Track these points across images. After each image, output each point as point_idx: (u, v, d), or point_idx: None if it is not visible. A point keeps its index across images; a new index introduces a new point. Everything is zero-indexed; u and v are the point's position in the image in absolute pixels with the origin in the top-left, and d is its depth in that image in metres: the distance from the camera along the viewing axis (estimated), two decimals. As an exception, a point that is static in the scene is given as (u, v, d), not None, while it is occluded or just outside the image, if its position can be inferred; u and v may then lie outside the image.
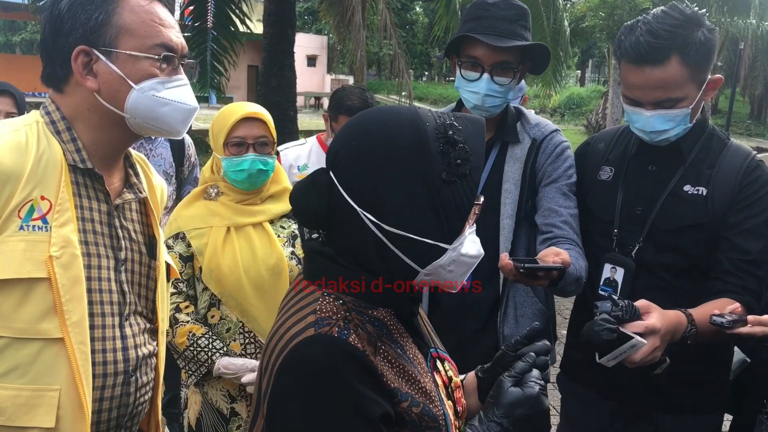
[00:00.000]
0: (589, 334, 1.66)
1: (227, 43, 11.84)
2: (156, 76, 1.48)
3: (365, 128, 1.18)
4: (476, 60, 2.15)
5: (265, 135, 2.37)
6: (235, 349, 2.35)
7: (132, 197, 1.61)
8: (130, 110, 1.48)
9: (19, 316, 1.36)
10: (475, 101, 2.18)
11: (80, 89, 1.47)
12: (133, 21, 1.46)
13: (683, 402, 2.09)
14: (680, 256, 2.01)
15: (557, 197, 2.19)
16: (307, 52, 31.73)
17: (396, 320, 1.23)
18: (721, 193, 1.97)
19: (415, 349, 1.25)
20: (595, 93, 29.91)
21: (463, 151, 1.15)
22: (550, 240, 2.13)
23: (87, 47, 1.44)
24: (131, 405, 1.55)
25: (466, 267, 1.22)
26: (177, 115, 1.53)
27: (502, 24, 2.12)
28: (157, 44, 1.48)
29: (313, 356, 1.08)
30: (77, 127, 1.49)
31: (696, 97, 1.93)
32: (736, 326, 1.70)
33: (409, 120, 1.16)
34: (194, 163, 3.84)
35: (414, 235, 1.14)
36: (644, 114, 1.95)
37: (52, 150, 1.43)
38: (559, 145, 2.26)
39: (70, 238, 1.41)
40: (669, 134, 1.96)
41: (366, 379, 1.08)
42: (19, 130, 1.42)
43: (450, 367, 1.36)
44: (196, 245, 2.35)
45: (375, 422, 1.06)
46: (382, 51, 21.57)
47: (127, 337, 1.54)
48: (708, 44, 1.89)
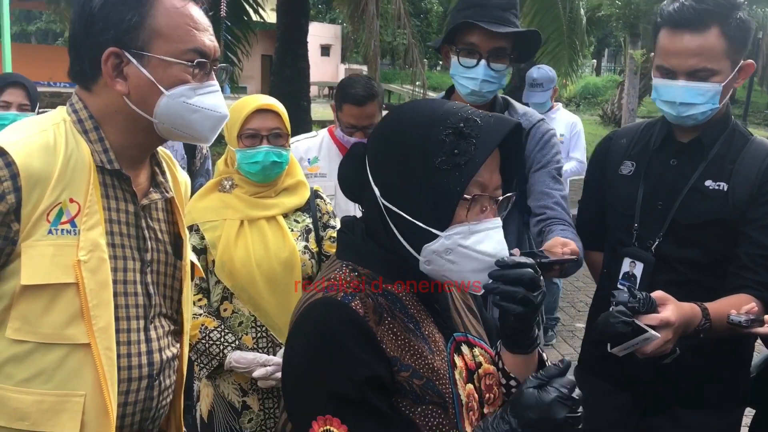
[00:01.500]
0: (604, 325, 1.68)
1: (240, 33, 11.83)
2: (188, 82, 1.43)
3: (395, 111, 1.29)
4: (473, 47, 2.23)
5: (279, 127, 2.36)
6: (247, 343, 2.35)
7: (159, 197, 1.57)
8: (159, 116, 1.43)
9: (45, 322, 1.33)
10: (472, 87, 2.25)
11: (108, 90, 1.42)
12: (167, 24, 1.41)
13: (702, 397, 2.07)
14: (700, 251, 2.00)
15: (548, 180, 2.29)
16: (321, 42, 31.63)
17: (415, 298, 1.27)
18: (742, 188, 1.96)
19: (433, 328, 1.27)
20: (610, 83, 29.60)
21: (467, 144, 1.16)
22: (544, 221, 2.22)
23: (118, 49, 1.39)
24: (154, 408, 1.54)
25: (477, 264, 1.20)
26: (207, 122, 1.49)
27: (497, 12, 2.21)
28: (190, 49, 1.43)
29: (315, 317, 1.18)
30: (105, 127, 1.45)
31: (729, 76, 1.93)
32: (753, 326, 1.70)
33: (430, 109, 1.23)
34: (206, 156, 3.83)
35: (407, 214, 1.19)
36: (676, 84, 1.93)
37: (80, 151, 1.40)
38: (546, 133, 2.35)
39: (99, 241, 1.39)
40: (697, 110, 1.93)
41: (361, 341, 1.15)
42: (47, 130, 1.38)
43: (481, 353, 1.36)
44: (210, 238, 2.35)
45: (360, 383, 1.12)
46: (396, 40, 21.48)
47: (152, 340, 1.52)
48: (746, 25, 1.92)
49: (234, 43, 11.85)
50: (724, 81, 1.92)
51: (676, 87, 1.93)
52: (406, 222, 1.19)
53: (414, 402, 1.17)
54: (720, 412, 2.10)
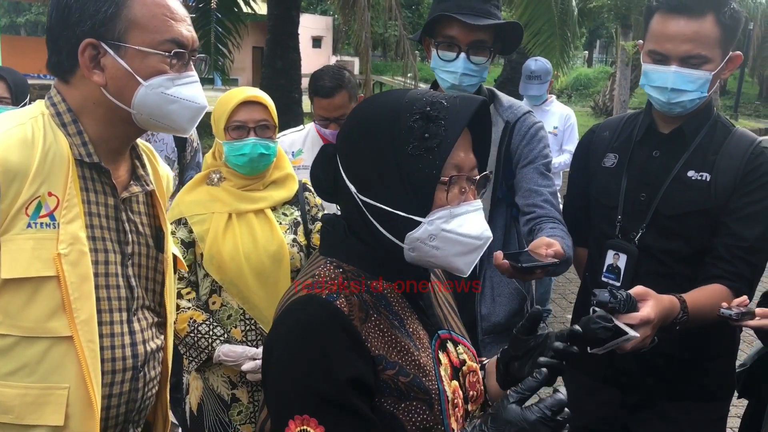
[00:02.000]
0: (584, 330, 1.66)
1: (231, 25, 11.76)
2: (165, 72, 1.43)
3: (359, 107, 1.28)
4: (452, 39, 2.19)
5: (265, 119, 2.35)
6: (236, 336, 2.34)
7: (139, 190, 1.57)
8: (137, 106, 1.43)
9: (27, 315, 1.34)
10: (452, 80, 2.21)
11: (86, 82, 1.42)
12: (143, 15, 1.40)
13: (688, 390, 2.08)
14: (684, 241, 2.01)
15: (536, 177, 2.25)
16: (312, 34, 31.49)
17: (399, 295, 1.27)
18: (725, 178, 1.96)
19: (418, 325, 1.27)
20: (602, 74, 29.65)
21: (436, 126, 1.16)
22: (534, 220, 2.18)
23: (95, 41, 1.39)
24: (139, 400, 1.54)
25: (461, 247, 1.21)
26: (185, 113, 1.49)
27: (477, 3, 2.15)
28: (167, 39, 1.43)
29: (298, 315, 1.16)
30: (83, 119, 1.44)
31: (719, 65, 1.93)
32: (743, 319, 1.69)
33: (393, 99, 1.22)
34: (196, 149, 3.82)
35: (386, 206, 1.18)
36: (669, 70, 1.93)
37: (58, 144, 1.39)
38: (532, 126, 2.30)
39: (78, 234, 1.39)
40: (686, 97, 1.94)
41: (345, 341, 1.14)
42: (24, 124, 1.38)
43: (465, 351, 1.37)
44: (198, 231, 2.34)
45: (341, 384, 1.11)
46: (388, 32, 21.41)
47: (136, 332, 1.52)
48: (738, 15, 1.93)
49: (224, 35, 11.77)
50: (714, 70, 1.92)
51: (668, 72, 1.93)
52: (387, 213, 1.18)
53: (398, 399, 1.17)
54: (706, 405, 2.11)
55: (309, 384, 1.12)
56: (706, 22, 1.89)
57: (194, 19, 11.77)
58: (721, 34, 1.90)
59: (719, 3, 1.89)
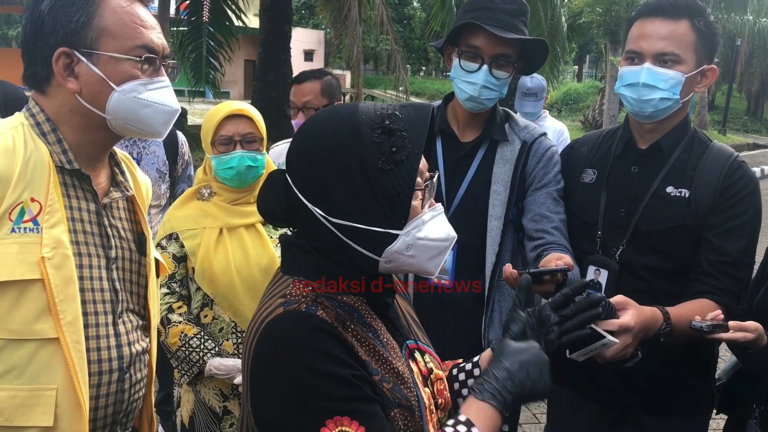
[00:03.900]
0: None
1: (222, 38, 11.80)
2: (137, 77, 1.48)
3: (307, 129, 1.26)
4: (477, 50, 2.14)
5: (251, 131, 2.37)
6: (228, 349, 2.35)
7: (119, 195, 1.62)
8: (111, 112, 1.48)
9: (14, 318, 1.37)
10: (471, 92, 2.17)
11: (62, 91, 1.47)
12: (114, 23, 1.46)
13: (667, 404, 2.09)
14: (664, 257, 2.02)
15: (548, 202, 2.19)
16: (304, 47, 31.64)
17: (368, 308, 1.28)
18: (704, 194, 1.98)
19: (389, 336, 1.29)
20: (592, 88, 29.87)
21: (400, 139, 1.18)
22: (542, 246, 2.12)
23: (68, 49, 1.44)
24: (126, 401, 1.57)
25: (433, 251, 1.24)
26: (158, 116, 1.54)
27: (505, 17, 2.11)
28: (138, 45, 1.48)
29: (282, 330, 1.14)
30: (61, 128, 1.49)
31: (692, 70, 1.97)
32: (716, 331, 1.69)
33: (345, 116, 1.22)
34: (188, 161, 3.83)
35: (362, 224, 1.18)
36: (641, 68, 1.97)
37: (39, 152, 1.44)
38: (548, 149, 2.27)
39: (61, 238, 1.42)
40: (657, 95, 1.96)
41: (336, 346, 1.14)
42: (5, 133, 1.43)
43: (431, 360, 1.39)
44: (189, 246, 2.36)
45: (348, 379, 1.12)
46: (379, 46, 21.53)
47: (121, 334, 1.55)
48: (713, 28, 1.99)
49: (216, 49, 11.81)
50: (687, 72, 1.95)
51: (641, 69, 1.97)
52: (362, 231, 1.19)
53: (386, 405, 1.19)
54: (686, 419, 2.11)
55: (323, 389, 1.10)
56: (681, 25, 1.96)
57: (186, 32, 11.85)
58: (696, 39, 1.96)
59: (695, 11, 1.96)
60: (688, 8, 1.95)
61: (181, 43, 11.75)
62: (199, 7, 11.32)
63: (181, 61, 11.62)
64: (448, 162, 2.29)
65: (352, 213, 1.19)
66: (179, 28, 11.94)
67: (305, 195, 1.22)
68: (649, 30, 1.97)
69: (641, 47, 1.98)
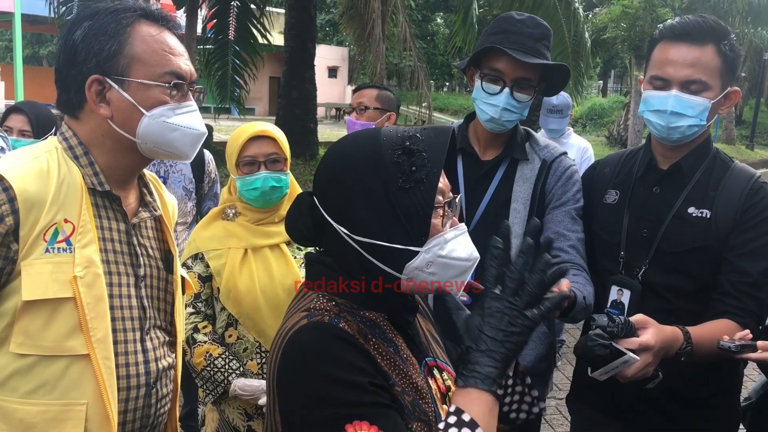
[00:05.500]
0: (582, 349, 1.69)
1: (248, 56, 11.93)
2: (166, 102, 1.54)
3: (332, 152, 1.31)
4: (499, 73, 2.17)
5: (275, 152, 2.40)
6: (252, 369, 2.37)
7: (148, 215, 1.67)
8: (141, 136, 1.53)
9: (47, 335, 1.42)
10: (492, 113, 2.19)
11: (94, 116, 1.53)
12: (144, 50, 1.52)
13: (691, 425, 2.07)
14: (686, 278, 2.01)
15: (566, 221, 2.21)
16: (328, 64, 31.90)
17: (390, 324, 1.30)
18: (725, 215, 1.97)
19: (409, 353, 1.31)
20: (617, 104, 29.67)
21: (419, 158, 1.22)
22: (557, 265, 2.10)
23: (100, 76, 1.49)
24: (152, 416, 1.61)
25: (454, 269, 1.26)
26: (186, 140, 1.59)
27: (528, 41, 2.13)
28: (167, 72, 1.53)
29: (306, 339, 1.17)
30: (93, 151, 1.54)
31: (718, 96, 1.96)
32: (744, 351, 1.69)
33: (368, 139, 1.27)
34: (214, 180, 3.88)
35: (383, 242, 1.22)
36: (669, 94, 1.96)
37: (72, 174, 1.49)
38: (568, 168, 2.28)
39: (93, 258, 1.47)
40: (685, 122, 1.96)
41: (357, 355, 1.16)
42: (39, 157, 1.48)
43: (449, 378, 1.40)
44: (215, 266, 2.39)
45: (366, 386, 1.13)
46: (403, 62, 21.62)
47: (148, 350, 1.60)
48: (737, 51, 1.98)
49: (242, 67, 11.96)
50: (714, 98, 1.95)
51: (669, 96, 1.96)
52: (384, 248, 1.22)
53: (408, 417, 1.20)
54: None
55: (340, 392, 1.12)
56: (707, 51, 1.94)
57: (213, 51, 12.01)
58: (722, 64, 1.95)
59: (720, 34, 1.95)
60: (714, 33, 1.94)
61: (207, 61, 11.94)
62: (226, 25, 11.49)
63: (207, 79, 11.80)
64: (469, 180, 2.31)
65: (374, 231, 1.22)
66: (206, 46, 12.13)
67: (330, 214, 1.26)
68: (675, 56, 1.96)
69: (668, 73, 1.96)
